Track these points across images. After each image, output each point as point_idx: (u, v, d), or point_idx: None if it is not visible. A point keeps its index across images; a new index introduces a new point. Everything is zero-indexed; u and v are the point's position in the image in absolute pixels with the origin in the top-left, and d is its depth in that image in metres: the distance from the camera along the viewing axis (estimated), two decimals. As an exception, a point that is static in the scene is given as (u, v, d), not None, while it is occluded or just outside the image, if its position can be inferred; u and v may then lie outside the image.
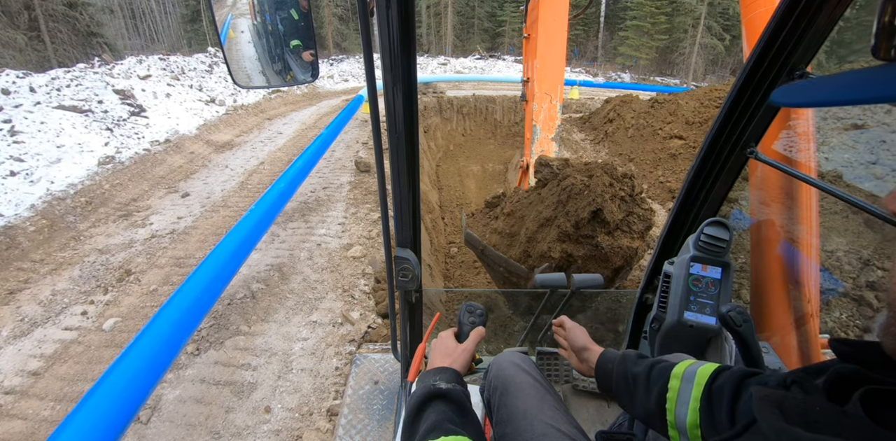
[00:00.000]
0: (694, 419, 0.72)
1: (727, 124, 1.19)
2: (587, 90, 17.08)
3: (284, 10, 0.83)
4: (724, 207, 1.39)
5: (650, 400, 0.82)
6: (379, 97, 0.95)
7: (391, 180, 1.11)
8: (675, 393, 0.77)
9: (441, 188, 8.61)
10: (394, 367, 2.35)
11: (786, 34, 1.01)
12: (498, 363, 1.21)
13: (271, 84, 0.93)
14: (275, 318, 2.97)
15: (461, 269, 5.28)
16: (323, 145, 5.15)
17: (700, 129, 7.87)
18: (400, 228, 1.22)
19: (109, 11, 32.23)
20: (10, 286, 3.28)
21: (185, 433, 2.14)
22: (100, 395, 1.49)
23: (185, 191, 5.26)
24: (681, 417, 0.74)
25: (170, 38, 43.85)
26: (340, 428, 2.01)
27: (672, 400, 0.77)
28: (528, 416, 1.03)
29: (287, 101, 12.16)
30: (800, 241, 1.34)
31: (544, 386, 1.12)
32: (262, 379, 2.47)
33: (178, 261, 3.68)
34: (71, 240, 4.01)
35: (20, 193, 4.38)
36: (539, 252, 2.95)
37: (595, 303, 2.93)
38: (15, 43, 16.40)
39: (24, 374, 2.49)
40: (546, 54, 4.41)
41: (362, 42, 0.84)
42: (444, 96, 12.60)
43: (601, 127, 10.26)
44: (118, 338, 2.79)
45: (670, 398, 0.77)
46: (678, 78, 28.06)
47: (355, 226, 4.34)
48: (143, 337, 1.78)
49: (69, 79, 7.27)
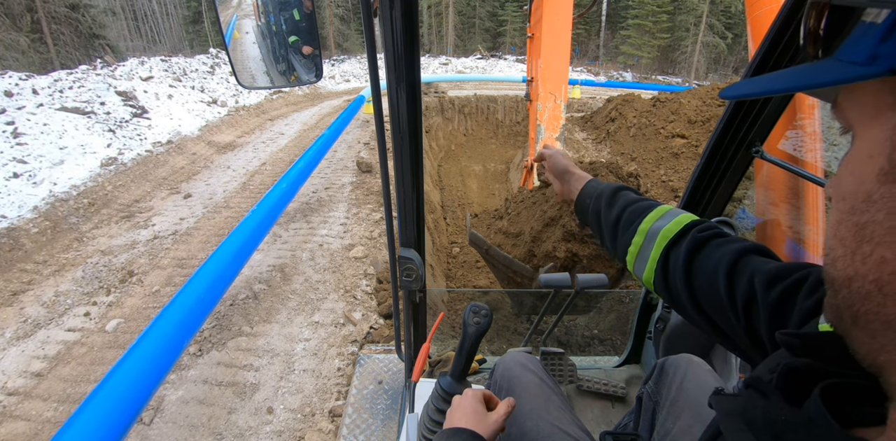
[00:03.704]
0: (649, 276, 0.74)
1: (732, 123, 1.19)
2: (589, 89, 17.07)
3: (288, 11, 0.83)
4: (730, 207, 1.38)
5: (616, 247, 0.82)
6: (382, 97, 0.95)
7: (395, 180, 1.10)
8: (637, 248, 0.77)
9: (443, 188, 8.60)
10: (398, 367, 2.35)
11: (792, 32, 1.00)
12: (503, 363, 1.20)
13: (275, 85, 0.93)
14: (277, 319, 2.97)
15: (463, 269, 5.28)
16: (325, 146, 5.15)
17: (702, 128, 7.85)
18: (404, 228, 1.21)
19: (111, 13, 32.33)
20: (14, 287, 3.29)
21: (188, 434, 2.14)
22: (103, 396, 1.49)
23: (188, 192, 5.27)
24: (638, 271, 0.77)
25: (172, 39, 43.98)
26: (344, 428, 2.01)
27: (633, 254, 0.77)
28: (533, 416, 1.03)
29: (289, 102, 12.18)
30: (806, 240, 1.34)
31: (549, 386, 1.12)
32: (265, 380, 2.47)
33: (181, 262, 3.68)
34: (74, 241, 4.02)
35: (23, 195, 4.39)
36: (544, 252, 2.94)
37: (599, 303, 2.93)
38: (18, 45, 16.46)
39: (28, 376, 2.50)
40: (550, 54, 4.40)
41: (366, 42, 0.84)
42: (445, 96, 12.60)
43: (603, 126, 10.24)
44: (121, 339, 2.79)
45: (631, 252, 0.78)
46: (680, 77, 28.02)
47: (357, 226, 4.34)
48: (146, 338, 1.78)
49: (72, 80, 7.29)
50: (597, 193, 0.89)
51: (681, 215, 0.75)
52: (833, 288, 0.35)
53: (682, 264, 0.68)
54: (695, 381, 1.04)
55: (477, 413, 0.84)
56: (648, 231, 0.76)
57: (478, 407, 0.85)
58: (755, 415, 0.37)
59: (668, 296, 0.72)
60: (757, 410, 0.38)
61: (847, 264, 0.33)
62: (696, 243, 0.69)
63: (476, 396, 0.87)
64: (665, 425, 1.01)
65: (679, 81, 24.85)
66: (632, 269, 0.78)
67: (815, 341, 0.40)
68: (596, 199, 0.88)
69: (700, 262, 0.67)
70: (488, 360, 1.99)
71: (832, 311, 0.36)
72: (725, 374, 1.46)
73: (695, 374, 1.06)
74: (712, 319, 0.65)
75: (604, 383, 1.78)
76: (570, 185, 0.97)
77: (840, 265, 0.33)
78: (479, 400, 0.87)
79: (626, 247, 0.78)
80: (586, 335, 3.35)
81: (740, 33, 27.71)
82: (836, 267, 0.34)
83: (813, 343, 0.40)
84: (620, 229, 0.81)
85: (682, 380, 1.05)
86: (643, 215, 0.78)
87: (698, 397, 1.00)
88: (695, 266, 0.67)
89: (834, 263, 0.34)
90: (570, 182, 0.97)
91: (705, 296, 0.64)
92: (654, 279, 0.73)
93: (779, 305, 0.54)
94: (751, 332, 0.58)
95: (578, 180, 0.96)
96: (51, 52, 18.30)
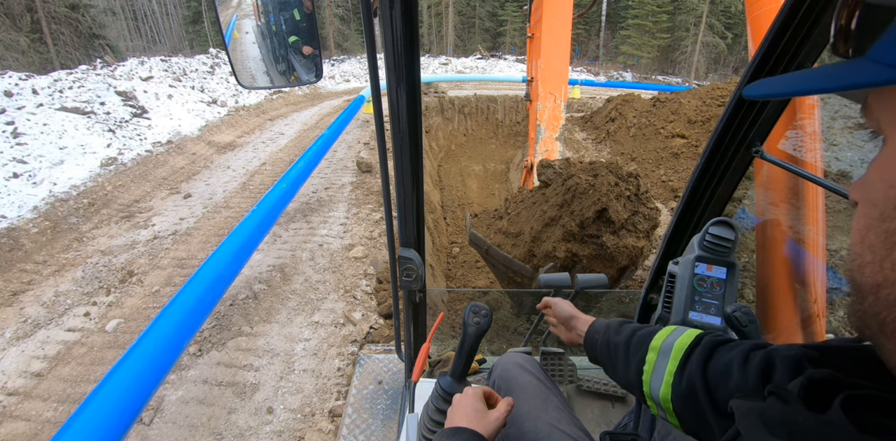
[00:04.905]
0: (666, 393, 0.72)
1: (732, 123, 1.19)
2: (589, 89, 17.07)
3: (288, 11, 0.83)
4: (730, 207, 1.38)
5: (630, 371, 0.81)
6: (382, 97, 0.95)
7: (395, 180, 1.10)
8: (651, 366, 0.76)
9: (443, 188, 8.60)
10: (397, 367, 2.35)
11: (791, 32, 1.00)
12: (501, 364, 1.20)
13: (275, 85, 0.93)
14: (277, 319, 2.97)
15: (463, 269, 5.28)
16: (325, 146, 5.15)
17: (702, 128, 7.85)
18: (404, 228, 1.21)
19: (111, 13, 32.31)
20: (14, 287, 3.29)
21: (188, 434, 2.14)
22: (102, 396, 1.49)
23: (187, 192, 5.27)
24: (655, 391, 0.74)
25: (171, 39, 43.98)
26: (345, 427, 2.01)
27: (648, 373, 0.76)
28: (531, 416, 1.03)
29: (289, 102, 12.18)
30: (806, 240, 1.34)
31: (548, 386, 1.12)
32: (265, 380, 2.47)
33: (181, 262, 3.68)
34: (73, 241, 4.02)
35: (23, 195, 4.39)
36: (544, 252, 2.94)
37: (599, 303, 2.93)
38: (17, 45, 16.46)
39: (28, 376, 2.49)
40: (550, 54, 4.41)
41: (366, 42, 0.84)
42: (445, 96, 12.60)
43: (603, 126, 10.24)
44: (121, 339, 2.79)
45: (646, 371, 0.77)
46: (680, 77, 28.01)
47: (357, 226, 4.34)
48: (146, 338, 1.78)
49: (71, 80, 7.29)
50: (604, 328, 0.93)
51: (689, 330, 0.77)
52: (860, 294, 0.35)
53: (699, 366, 0.67)
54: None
55: (477, 411, 0.84)
56: (661, 347, 0.76)
57: (478, 405, 0.85)
58: (773, 415, 0.39)
59: (682, 405, 0.70)
60: (775, 412, 0.39)
61: (875, 271, 0.32)
62: (710, 346, 0.69)
63: (476, 395, 0.88)
64: (665, 425, 1.01)
65: (679, 81, 24.85)
66: (647, 390, 0.76)
67: (833, 352, 0.40)
68: (604, 333, 0.91)
69: (715, 360, 0.67)
70: (488, 360, 1.99)
71: (858, 317, 0.36)
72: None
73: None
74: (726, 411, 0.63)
75: (603, 383, 1.78)
76: (576, 329, 1.02)
77: (868, 272, 0.33)
78: (479, 398, 0.87)
79: (640, 366, 0.78)
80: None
81: (740, 33, 27.70)
82: (863, 273, 0.34)
83: (831, 354, 0.40)
84: (632, 351, 0.82)
85: (682, 380, 1.05)
86: (652, 335, 0.80)
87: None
88: (710, 364, 0.67)
89: (861, 270, 0.34)
90: (577, 327, 1.02)
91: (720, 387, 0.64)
92: (671, 393, 0.71)
93: None
94: None
95: (584, 323, 1.01)
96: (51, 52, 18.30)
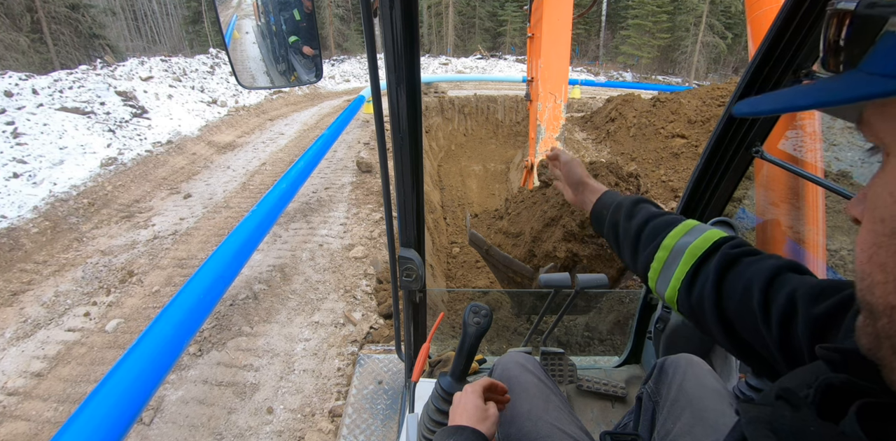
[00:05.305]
0: (672, 295, 0.71)
1: (732, 123, 1.19)
2: (589, 89, 17.07)
3: (288, 11, 0.83)
4: (730, 207, 1.38)
5: (637, 262, 0.79)
6: (382, 97, 0.95)
7: (395, 180, 1.10)
8: (660, 265, 0.73)
9: (443, 188, 8.61)
10: (398, 367, 2.35)
11: (792, 32, 1.00)
12: (502, 363, 1.20)
13: (275, 85, 0.93)
14: (277, 319, 2.97)
15: (463, 269, 5.28)
16: (325, 146, 5.15)
17: (702, 128, 7.85)
18: (404, 228, 1.21)
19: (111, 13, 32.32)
20: (14, 287, 3.29)
21: (188, 434, 2.14)
22: (103, 396, 1.49)
23: (188, 192, 5.27)
24: (661, 289, 0.73)
25: (171, 39, 43.99)
26: (345, 428, 2.01)
27: (655, 270, 0.74)
28: (532, 416, 1.03)
29: (289, 102, 12.18)
30: (806, 240, 1.34)
31: (549, 386, 1.12)
32: (265, 380, 2.47)
33: (181, 262, 3.68)
34: (73, 241, 4.02)
35: (23, 195, 4.39)
36: (544, 252, 2.94)
37: (599, 303, 2.93)
38: (17, 45, 16.47)
39: (28, 376, 2.49)
40: (550, 54, 4.41)
41: (366, 43, 0.84)
42: (445, 96, 12.60)
43: (603, 126, 10.24)
44: (121, 339, 2.79)
45: (653, 268, 0.74)
46: (680, 77, 28.01)
47: (357, 226, 4.34)
48: (146, 338, 1.78)
49: (71, 81, 7.29)
50: (615, 204, 0.86)
51: (709, 231, 0.72)
52: (871, 315, 0.34)
53: (713, 281, 0.65)
54: (695, 380, 1.04)
55: (478, 409, 0.84)
56: (674, 247, 0.72)
57: (479, 403, 0.85)
58: (783, 424, 0.37)
59: (690, 312, 0.69)
60: (785, 420, 0.37)
61: (889, 291, 0.31)
62: (728, 259, 0.66)
63: (476, 392, 0.87)
64: (665, 425, 1.01)
65: (679, 81, 24.85)
66: (653, 286, 0.75)
67: (856, 357, 0.38)
68: (614, 211, 0.85)
69: (732, 277, 0.64)
70: (488, 360, 1.99)
71: (869, 338, 0.35)
72: (725, 374, 1.46)
73: (695, 374, 1.05)
74: (736, 333, 0.63)
75: (604, 383, 1.78)
76: (584, 195, 0.96)
77: (879, 292, 0.32)
78: (479, 395, 0.87)
79: (648, 263, 0.75)
80: (586, 335, 3.35)
81: (740, 33, 27.71)
82: (873, 293, 0.32)
83: (854, 359, 0.38)
84: (642, 244, 0.78)
85: (682, 380, 1.05)
86: (667, 230, 0.75)
87: (698, 397, 1.00)
88: (726, 282, 0.64)
89: (871, 290, 0.33)
90: (585, 193, 0.96)
91: (735, 311, 0.62)
92: (677, 297, 0.70)
93: (825, 320, 0.53)
94: (784, 346, 0.57)
95: (594, 191, 0.94)
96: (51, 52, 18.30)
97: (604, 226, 0.88)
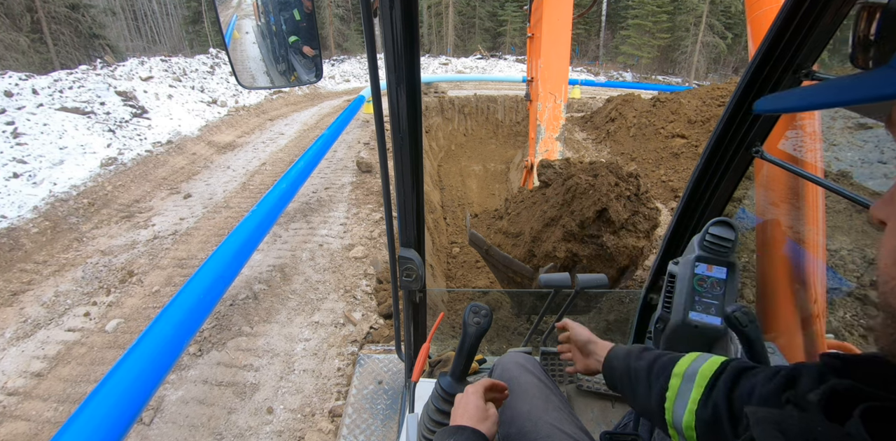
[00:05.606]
0: (690, 420, 0.70)
1: (732, 123, 1.19)
2: (589, 89, 17.07)
3: (288, 11, 0.83)
4: (730, 207, 1.38)
5: (651, 398, 0.80)
6: (382, 97, 0.95)
7: (395, 180, 1.10)
8: (675, 392, 0.75)
9: (443, 188, 8.61)
10: (397, 367, 2.35)
11: (792, 32, 1.00)
12: (502, 364, 1.20)
13: (275, 85, 0.93)
14: (277, 319, 2.97)
15: (463, 269, 5.28)
16: (325, 146, 5.15)
17: (702, 128, 7.85)
18: (404, 228, 1.21)
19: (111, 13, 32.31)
20: (14, 287, 3.29)
21: (188, 434, 2.14)
22: (103, 396, 1.49)
23: (187, 192, 5.27)
24: (678, 418, 0.73)
25: (171, 39, 43.99)
26: (345, 427, 2.01)
27: (671, 399, 0.75)
28: (532, 417, 1.03)
29: (289, 102, 12.18)
30: (806, 240, 1.33)
31: (549, 386, 1.12)
32: (265, 380, 2.47)
33: (181, 262, 3.68)
34: (73, 241, 4.02)
35: (23, 195, 4.39)
36: (544, 252, 2.94)
37: (599, 303, 2.92)
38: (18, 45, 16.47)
39: (28, 376, 2.50)
40: (550, 54, 4.41)
41: (366, 43, 0.84)
42: (445, 96, 12.60)
43: (603, 126, 10.24)
44: (121, 339, 2.79)
45: (669, 398, 0.75)
46: (680, 77, 28.01)
47: (357, 226, 4.34)
48: (146, 338, 1.78)
49: (71, 81, 7.29)
50: (624, 353, 0.91)
51: (714, 356, 0.76)
52: (893, 319, 0.35)
53: (724, 394, 0.67)
54: (695, 381, 1.04)
55: (479, 409, 0.84)
56: (685, 373, 0.76)
57: (480, 403, 0.86)
58: (791, 425, 0.38)
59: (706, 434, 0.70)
60: (794, 421, 0.38)
61: None
62: (735, 372, 0.69)
63: (477, 392, 0.88)
64: (665, 426, 1.01)
65: (679, 81, 24.84)
66: (670, 417, 0.75)
67: (858, 363, 0.40)
68: (624, 358, 0.90)
69: (740, 386, 0.66)
70: (488, 360, 1.99)
71: (889, 340, 0.36)
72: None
73: (695, 375, 1.06)
74: None
75: (603, 383, 1.78)
76: (594, 354, 1.00)
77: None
78: (480, 396, 0.87)
79: (663, 392, 0.77)
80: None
81: (740, 33, 27.70)
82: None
83: (855, 364, 0.40)
84: (654, 377, 0.81)
85: (682, 380, 1.05)
86: (675, 361, 0.79)
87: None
88: (736, 391, 0.66)
89: (895, 293, 0.34)
90: (595, 351, 1.00)
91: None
92: (695, 421, 0.70)
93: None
94: None
95: (602, 348, 0.99)
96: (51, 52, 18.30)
97: (616, 373, 0.91)
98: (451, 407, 1.02)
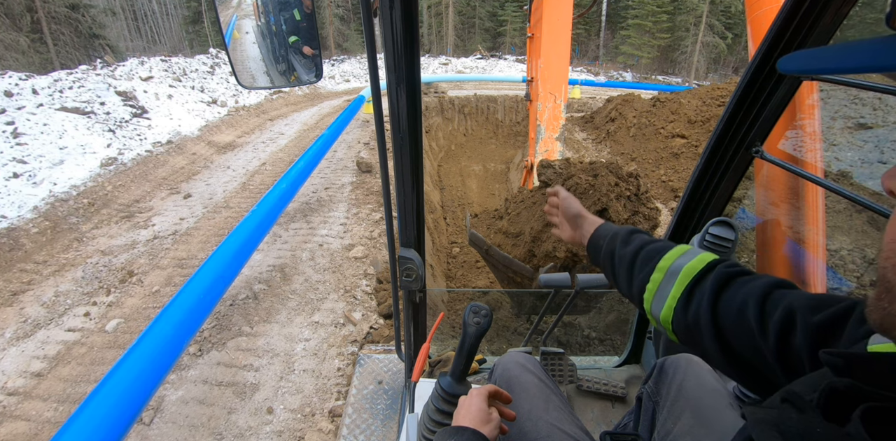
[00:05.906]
0: (667, 315, 0.71)
1: (732, 123, 1.19)
2: (589, 89, 17.08)
3: (288, 11, 0.83)
4: (730, 207, 1.38)
5: (632, 286, 0.80)
6: (382, 97, 0.95)
7: (395, 180, 1.10)
8: (656, 286, 0.75)
9: (443, 188, 8.61)
10: (398, 367, 2.35)
11: (792, 32, 1.00)
12: (502, 363, 1.20)
13: (275, 85, 0.93)
14: (277, 319, 2.97)
15: (463, 269, 5.28)
16: (325, 146, 5.15)
17: (702, 128, 7.85)
18: (404, 228, 1.21)
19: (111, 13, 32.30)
20: (14, 287, 3.29)
21: (188, 434, 2.14)
22: (103, 396, 1.49)
23: (188, 192, 5.27)
24: (656, 310, 0.74)
25: (171, 39, 44.00)
26: (345, 428, 2.01)
27: (651, 291, 0.75)
28: (532, 416, 1.03)
29: (289, 102, 12.18)
30: (806, 240, 1.34)
31: (549, 386, 1.12)
32: (265, 380, 2.47)
33: (181, 262, 3.68)
34: (73, 241, 4.02)
35: (23, 195, 4.39)
36: (544, 252, 2.94)
37: (599, 303, 2.93)
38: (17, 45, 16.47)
39: (28, 376, 2.49)
40: (550, 54, 4.41)
41: (366, 43, 0.84)
42: (445, 96, 12.60)
43: (603, 126, 10.24)
44: (121, 339, 2.79)
45: (649, 289, 0.75)
46: (680, 77, 28.01)
47: (357, 226, 4.34)
48: (146, 338, 1.78)
49: (71, 81, 7.29)
50: (611, 234, 0.89)
51: (703, 254, 0.75)
52: (888, 293, 0.34)
53: (709, 298, 0.66)
54: (695, 380, 1.04)
55: (481, 411, 0.85)
56: (669, 268, 0.74)
57: (483, 406, 0.86)
58: (790, 426, 0.37)
59: (685, 332, 0.70)
60: (792, 422, 0.38)
61: None
62: (724, 277, 0.68)
63: (481, 395, 0.88)
64: (665, 425, 1.01)
65: (679, 81, 24.85)
66: (648, 308, 0.76)
67: (859, 361, 0.39)
68: (610, 240, 0.88)
69: (728, 294, 0.66)
70: (488, 360, 1.99)
71: (883, 316, 0.35)
72: (725, 374, 1.46)
73: (695, 374, 1.06)
74: (732, 350, 0.64)
75: (604, 383, 1.78)
76: (582, 229, 0.98)
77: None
78: (483, 399, 0.88)
79: (644, 284, 0.77)
80: (585, 335, 3.35)
81: (740, 33, 27.71)
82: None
83: (857, 363, 0.39)
84: (637, 268, 0.80)
85: (682, 379, 1.05)
86: (662, 253, 0.77)
87: (698, 397, 1.00)
88: (722, 299, 0.66)
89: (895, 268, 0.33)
90: (583, 226, 0.98)
91: (731, 327, 0.63)
92: (672, 317, 0.71)
93: (826, 328, 0.54)
94: (783, 358, 0.58)
95: (591, 224, 0.97)
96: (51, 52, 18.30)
97: (600, 254, 0.90)
98: (451, 407, 1.02)
